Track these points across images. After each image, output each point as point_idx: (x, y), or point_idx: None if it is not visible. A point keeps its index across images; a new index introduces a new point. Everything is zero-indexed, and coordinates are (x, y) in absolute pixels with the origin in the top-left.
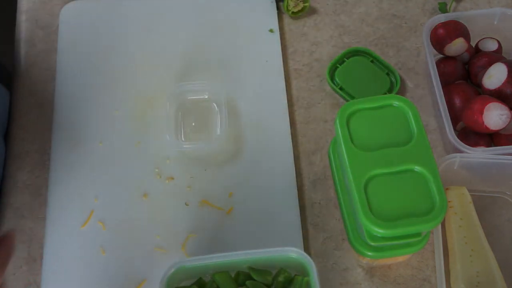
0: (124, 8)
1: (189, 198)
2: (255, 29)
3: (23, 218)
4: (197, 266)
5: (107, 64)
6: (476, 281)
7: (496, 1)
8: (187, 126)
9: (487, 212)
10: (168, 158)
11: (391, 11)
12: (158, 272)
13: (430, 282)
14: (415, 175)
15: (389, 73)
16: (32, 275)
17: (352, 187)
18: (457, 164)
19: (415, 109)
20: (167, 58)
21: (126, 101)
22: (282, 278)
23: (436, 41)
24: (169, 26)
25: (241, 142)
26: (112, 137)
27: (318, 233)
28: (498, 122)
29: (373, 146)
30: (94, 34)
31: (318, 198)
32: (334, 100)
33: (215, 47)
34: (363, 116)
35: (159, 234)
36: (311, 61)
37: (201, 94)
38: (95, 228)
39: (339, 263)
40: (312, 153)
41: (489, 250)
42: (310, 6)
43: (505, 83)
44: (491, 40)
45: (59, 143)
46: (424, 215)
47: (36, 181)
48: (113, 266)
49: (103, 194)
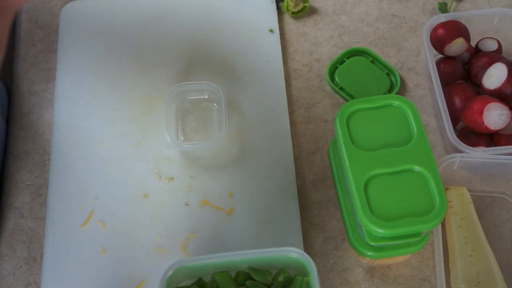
0: (124, 8)
1: (189, 198)
2: (255, 29)
3: (23, 218)
4: (197, 266)
5: (107, 64)
6: (476, 281)
7: (496, 1)
8: (187, 126)
9: (487, 212)
10: (168, 158)
11: (391, 11)
12: (158, 272)
13: (430, 282)
14: (415, 175)
15: (389, 73)
16: (32, 275)
17: (352, 187)
18: (457, 164)
19: (415, 109)
20: (167, 58)
21: (126, 101)
22: (282, 278)
23: (436, 41)
24: (169, 26)
25: (241, 142)
26: (112, 137)
27: (318, 233)
28: (498, 122)
29: (373, 146)
30: (94, 34)
31: (318, 198)
32: (334, 100)
33: (215, 47)
34: (363, 116)
35: (159, 234)
36: (311, 61)
37: (201, 94)
38: (95, 228)
39: (339, 263)
40: (312, 153)
41: (489, 250)
42: (310, 6)
43: (505, 83)
44: (491, 40)
45: (59, 143)
46: (424, 215)
47: (36, 181)
48: (113, 266)
49: (103, 194)
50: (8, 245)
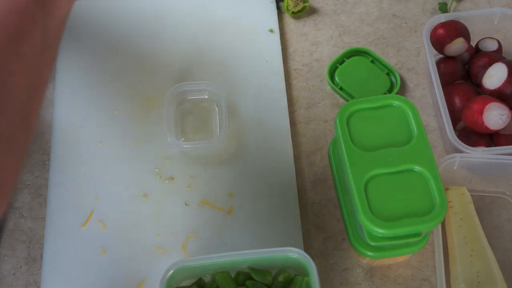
0: (124, 8)
1: (189, 198)
2: (255, 29)
3: (23, 218)
4: (197, 266)
5: (107, 64)
6: (476, 281)
7: (496, 1)
8: (187, 126)
9: (487, 212)
10: (168, 158)
11: (391, 11)
12: (158, 272)
13: (430, 282)
14: (415, 175)
15: (389, 73)
16: (32, 275)
17: (352, 187)
18: (457, 164)
19: (415, 109)
20: (167, 58)
21: (126, 101)
22: (282, 278)
23: (436, 41)
24: (169, 26)
25: (241, 142)
26: (112, 137)
27: (318, 233)
28: (498, 122)
29: (373, 146)
30: (94, 34)
31: (318, 198)
32: (334, 100)
33: (215, 47)
34: (363, 116)
35: (159, 234)
36: (311, 61)
37: (201, 94)
38: (95, 228)
39: (339, 263)
40: (312, 153)
41: (489, 250)
42: (310, 6)
43: (505, 83)
44: (491, 40)
45: (59, 143)
46: (424, 215)
47: (36, 181)
48: (113, 266)
49: (103, 194)
50: (8, 245)
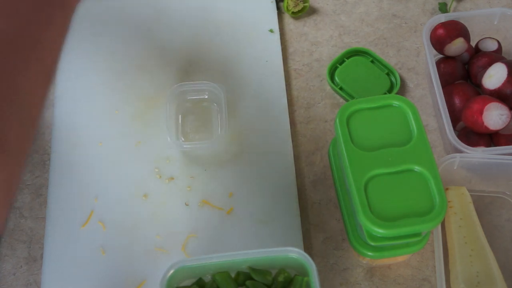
0: (124, 8)
1: (189, 198)
2: (255, 29)
3: (23, 218)
4: (197, 266)
5: (107, 64)
6: (476, 281)
7: (496, 1)
8: (187, 126)
9: (487, 212)
10: (168, 158)
11: (391, 11)
12: (158, 272)
13: (430, 282)
14: (415, 175)
15: (389, 73)
16: (32, 275)
17: (352, 187)
18: (457, 164)
19: (415, 109)
20: (167, 58)
21: (126, 101)
22: (282, 278)
23: (436, 41)
24: (169, 26)
25: (241, 142)
26: (112, 137)
27: (318, 233)
28: (498, 122)
29: (373, 146)
30: (94, 34)
31: (318, 198)
32: (334, 100)
33: (215, 47)
34: (363, 116)
35: (159, 234)
36: (311, 61)
37: (201, 94)
38: (95, 228)
39: (339, 263)
40: (312, 153)
41: (489, 250)
42: (310, 6)
43: (505, 83)
44: (491, 40)
45: (59, 143)
46: (424, 215)
47: (36, 181)
48: (113, 266)
49: (103, 194)
50: (8, 245)
